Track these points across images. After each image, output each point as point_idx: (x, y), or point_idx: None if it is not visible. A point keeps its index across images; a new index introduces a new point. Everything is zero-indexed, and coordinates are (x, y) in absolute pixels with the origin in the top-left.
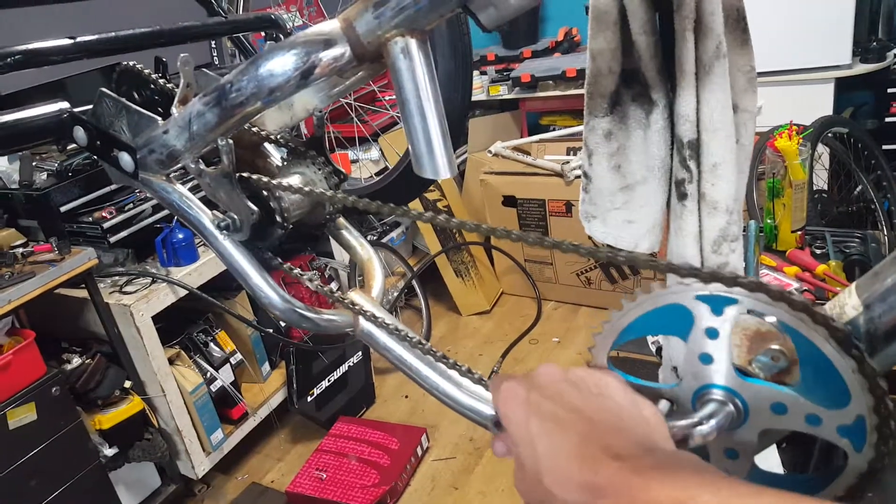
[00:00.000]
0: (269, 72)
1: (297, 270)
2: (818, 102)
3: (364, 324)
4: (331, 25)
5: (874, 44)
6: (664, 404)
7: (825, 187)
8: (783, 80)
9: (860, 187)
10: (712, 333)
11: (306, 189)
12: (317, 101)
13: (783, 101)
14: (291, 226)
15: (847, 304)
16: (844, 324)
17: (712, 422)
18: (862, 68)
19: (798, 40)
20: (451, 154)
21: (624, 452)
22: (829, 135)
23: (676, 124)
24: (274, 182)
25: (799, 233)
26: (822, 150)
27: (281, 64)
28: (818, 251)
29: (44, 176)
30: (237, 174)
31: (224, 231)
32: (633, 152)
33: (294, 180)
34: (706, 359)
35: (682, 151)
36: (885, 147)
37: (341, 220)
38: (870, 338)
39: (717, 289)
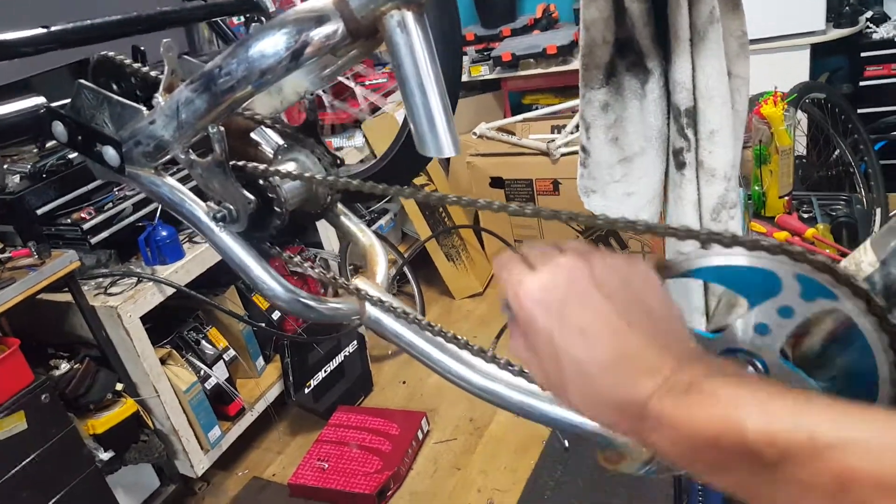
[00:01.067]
0: (259, 53)
1: (297, 258)
2: (795, 69)
3: (371, 310)
4: (322, 1)
5: (846, 9)
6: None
7: (804, 152)
8: (760, 48)
9: (838, 151)
10: (786, 312)
11: (306, 175)
12: (308, 84)
13: (761, 68)
14: (289, 214)
15: (863, 261)
16: (862, 279)
17: None
18: (836, 33)
19: (773, 8)
20: (455, 132)
21: (667, 366)
22: (807, 100)
23: (672, 92)
24: (270, 169)
25: (786, 198)
26: (801, 116)
27: (272, 44)
28: (805, 215)
29: (16, 179)
30: (231, 163)
31: (220, 223)
32: (631, 123)
33: (289, 166)
34: (762, 329)
35: (679, 120)
36: (860, 111)
37: (340, 206)
38: (887, 292)
39: (819, 276)
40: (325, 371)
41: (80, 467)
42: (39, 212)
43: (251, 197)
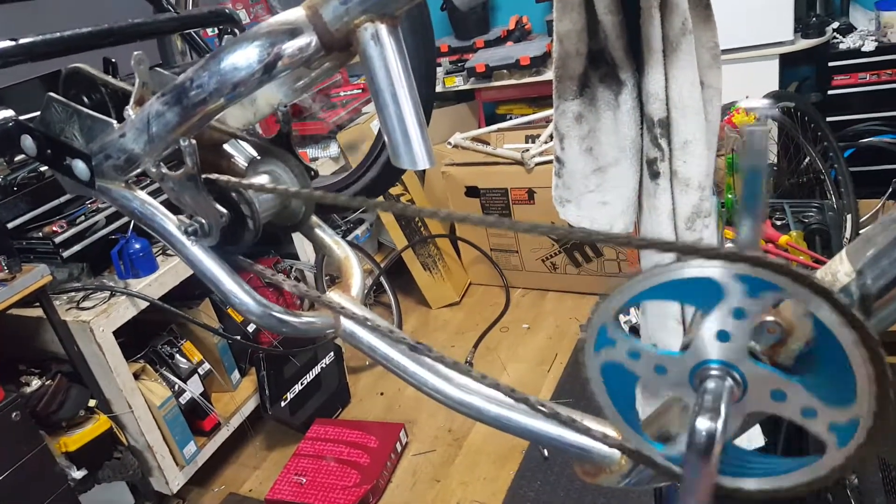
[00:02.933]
0: (231, 66)
1: (269, 272)
2: (764, 78)
3: (346, 324)
4: (295, 14)
5: (814, 20)
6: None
7: (775, 160)
8: (730, 58)
9: (808, 159)
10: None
11: (280, 188)
12: (281, 96)
13: (731, 78)
14: (262, 228)
15: (839, 271)
16: (838, 290)
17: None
18: (804, 43)
19: (742, 19)
20: (429, 143)
21: None
22: (777, 109)
23: (646, 103)
24: (243, 182)
25: None
26: (771, 125)
27: (244, 57)
28: (779, 222)
29: None
30: (203, 176)
31: (192, 237)
32: (604, 134)
33: (262, 179)
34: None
35: (652, 130)
36: (829, 119)
37: (314, 218)
38: (863, 302)
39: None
40: (302, 383)
41: (51, 486)
42: (10, 225)
43: (223, 211)
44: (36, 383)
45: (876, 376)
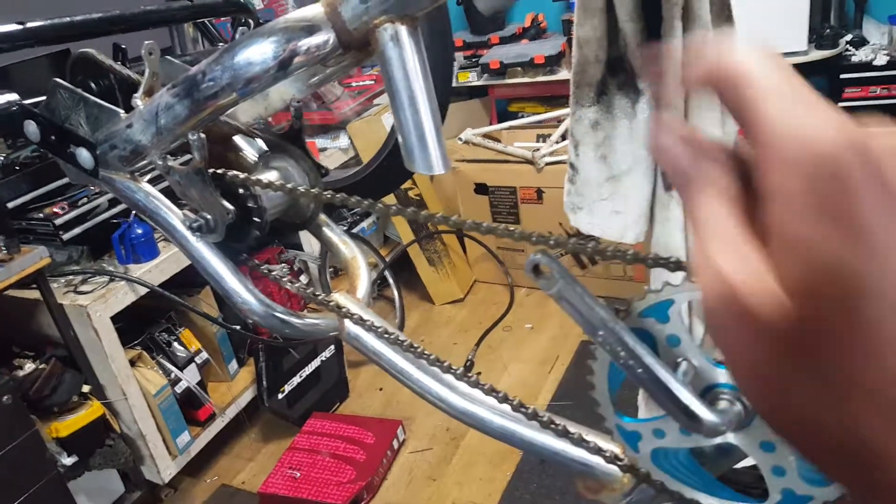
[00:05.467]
0: (246, 61)
1: (275, 273)
2: None
3: (351, 327)
4: (314, 10)
5: (828, 31)
6: (685, 365)
7: None
8: None
9: None
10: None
11: (288, 186)
12: (295, 91)
13: None
14: (269, 225)
15: None
16: None
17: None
18: (817, 55)
19: (757, 27)
20: (444, 148)
21: None
22: None
23: None
24: (252, 178)
25: None
26: None
27: (259, 52)
28: None
29: None
30: (210, 170)
31: (197, 233)
32: (620, 142)
33: (272, 176)
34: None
35: None
36: None
37: (322, 216)
38: None
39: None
40: (301, 376)
41: (41, 472)
42: (11, 205)
43: (230, 207)
44: (29, 367)
45: None
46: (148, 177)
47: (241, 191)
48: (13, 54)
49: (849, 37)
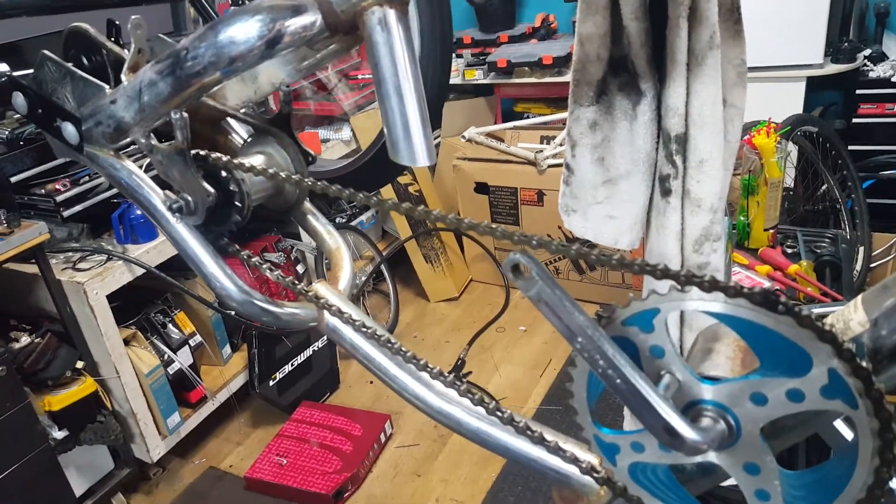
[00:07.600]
0: (229, 39)
1: (255, 259)
2: (789, 100)
3: (329, 319)
4: None
5: (845, 45)
6: (669, 379)
7: (792, 184)
8: (756, 76)
9: (826, 186)
10: (796, 396)
11: (270, 171)
12: (284, 75)
13: (755, 97)
14: (251, 211)
15: (853, 318)
16: (849, 340)
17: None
18: (833, 68)
19: (773, 38)
20: (430, 139)
21: None
22: (799, 133)
23: (664, 117)
24: (234, 161)
25: (771, 231)
26: (791, 148)
27: (243, 30)
28: (790, 250)
29: None
30: (193, 151)
31: (176, 214)
32: (618, 144)
33: (257, 160)
34: (760, 399)
35: (668, 146)
36: (851, 147)
37: (307, 204)
38: (874, 356)
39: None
40: (292, 364)
41: (32, 444)
42: (13, 179)
43: (211, 190)
44: (25, 340)
45: (866, 391)
46: (135, 157)
47: (223, 174)
48: (30, 29)
49: (867, 51)
